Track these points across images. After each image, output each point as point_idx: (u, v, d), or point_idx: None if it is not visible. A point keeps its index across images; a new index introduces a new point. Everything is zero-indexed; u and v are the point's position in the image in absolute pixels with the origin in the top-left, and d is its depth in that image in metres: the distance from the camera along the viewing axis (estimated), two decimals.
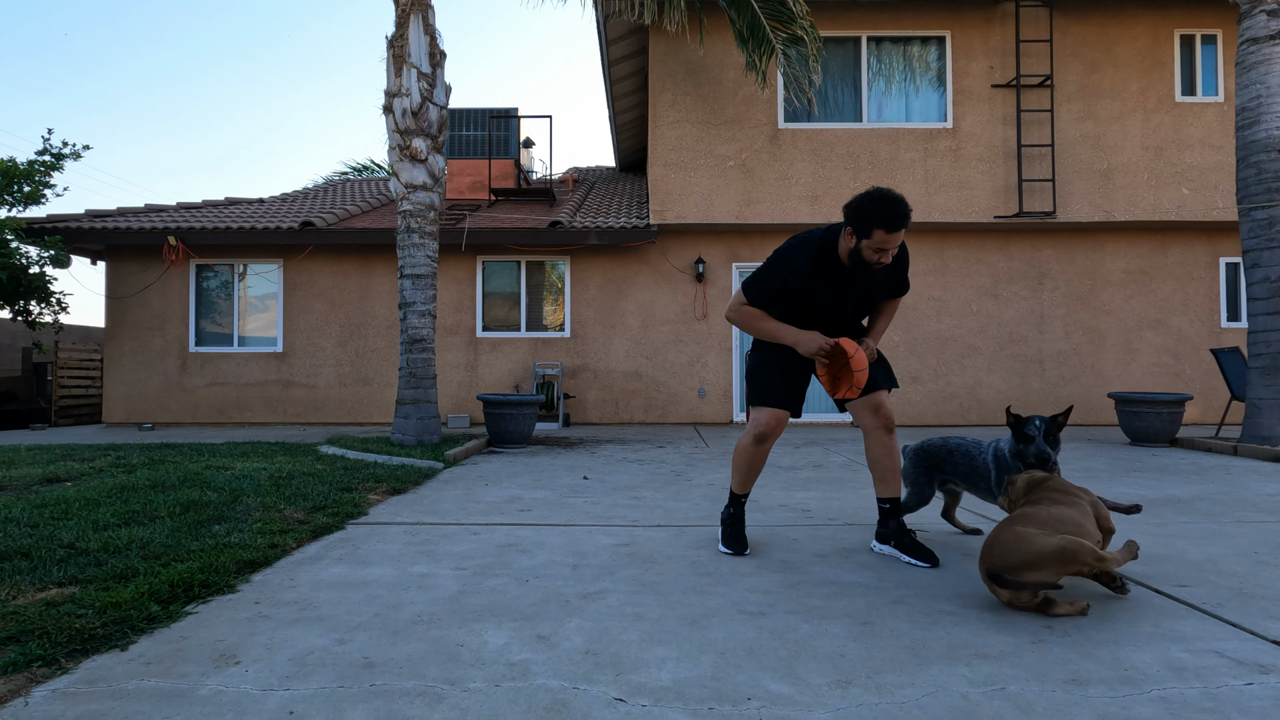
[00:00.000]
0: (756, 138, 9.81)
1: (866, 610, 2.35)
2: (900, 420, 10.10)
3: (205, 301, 10.48)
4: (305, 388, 10.30)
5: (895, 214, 2.64)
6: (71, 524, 3.25)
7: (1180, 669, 1.89)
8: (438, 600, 2.45)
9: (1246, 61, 6.89)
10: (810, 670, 1.89)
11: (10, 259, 9.23)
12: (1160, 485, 4.84)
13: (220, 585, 2.56)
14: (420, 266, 7.11)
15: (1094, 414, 10.12)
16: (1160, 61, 9.85)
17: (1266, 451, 6.15)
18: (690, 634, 2.15)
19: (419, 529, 3.53)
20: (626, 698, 1.74)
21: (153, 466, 5.11)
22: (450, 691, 1.77)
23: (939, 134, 9.80)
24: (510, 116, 12.62)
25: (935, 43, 9.99)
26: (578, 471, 5.57)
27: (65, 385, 11.55)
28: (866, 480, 5.09)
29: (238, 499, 3.90)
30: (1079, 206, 9.72)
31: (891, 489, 3.03)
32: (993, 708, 1.69)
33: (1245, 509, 4.01)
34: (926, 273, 10.23)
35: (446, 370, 10.25)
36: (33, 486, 4.44)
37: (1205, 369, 10.16)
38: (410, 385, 7.03)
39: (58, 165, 10.22)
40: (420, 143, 7.13)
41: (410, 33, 7.15)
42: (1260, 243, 6.76)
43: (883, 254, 2.74)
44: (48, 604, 2.27)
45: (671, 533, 3.46)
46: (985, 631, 2.16)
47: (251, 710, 1.68)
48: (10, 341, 13.54)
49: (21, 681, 1.80)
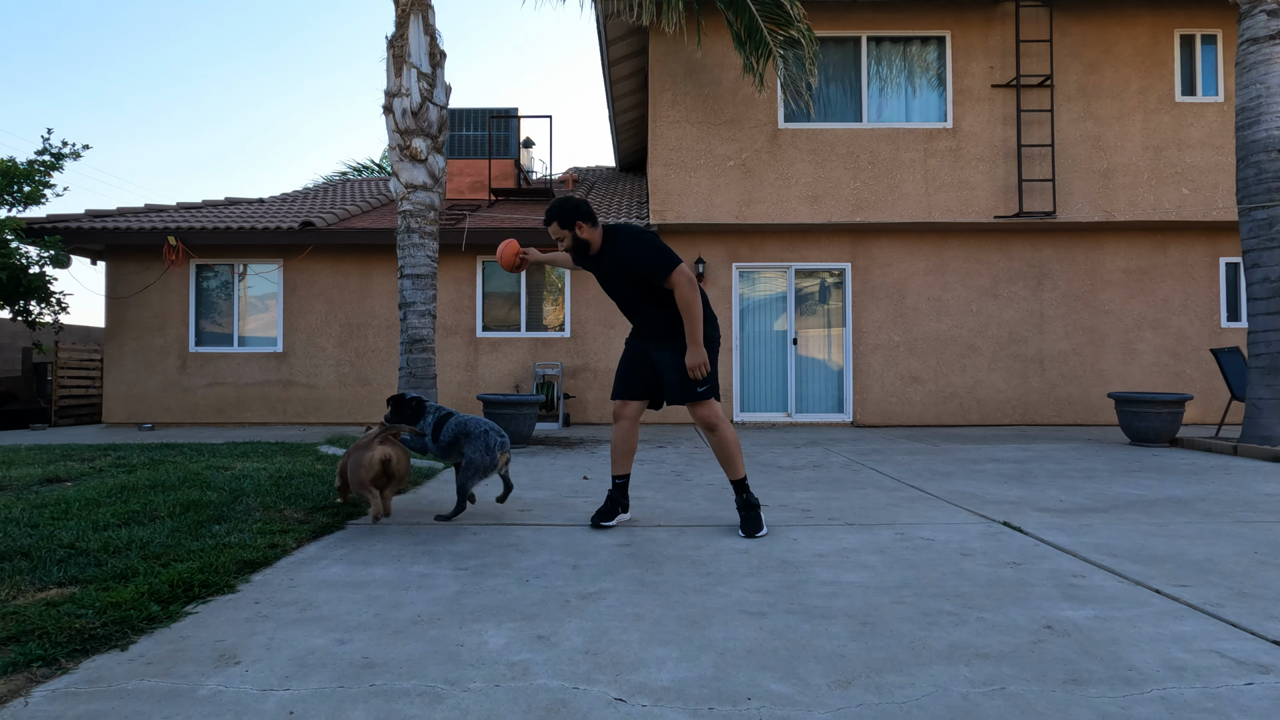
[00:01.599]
0: (756, 138, 9.81)
1: (866, 610, 2.35)
2: (900, 420, 10.10)
3: (205, 301, 10.49)
4: (305, 388, 10.30)
5: (547, 210, 3.54)
6: (71, 524, 3.25)
7: (1180, 669, 1.89)
8: (438, 600, 2.45)
9: (1246, 61, 6.89)
10: (810, 670, 1.89)
11: (10, 259, 9.24)
12: (1160, 485, 4.84)
13: (220, 585, 2.56)
14: (420, 266, 7.11)
15: (1094, 414, 10.12)
16: (1160, 61, 9.85)
17: (1266, 451, 6.15)
18: (690, 634, 2.15)
19: (419, 529, 3.53)
20: (626, 698, 1.74)
21: (153, 466, 5.11)
22: (450, 691, 1.77)
23: (939, 134, 9.80)
24: (510, 116, 12.62)
25: (935, 43, 9.99)
26: (578, 471, 5.57)
27: (65, 385, 11.55)
28: (866, 480, 5.09)
29: (238, 499, 3.90)
30: (1079, 206, 9.73)
31: (733, 472, 3.52)
32: (993, 708, 1.69)
33: (1245, 509, 4.01)
34: (927, 272, 10.24)
35: (446, 370, 10.25)
36: (33, 486, 4.44)
37: (1205, 369, 10.16)
38: (410, 385, 7.03)
39: (57, 165, 10.23)
40: (420, 143, 7.13)
41: (410, 33, 7.15)
42: (1260, 243, 6.76)
43: (558, 241, 3.54)
44: (48, 604, 2.27)
45: (671, 533, 3.46)
46: (985, 631, 2.16)
47: (251, 710, 1.68)
48: (10, 341, 13.54)
49: (21, 681, 1.80)
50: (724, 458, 3.49)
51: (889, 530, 3.50)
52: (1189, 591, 2.53)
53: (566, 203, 3.46)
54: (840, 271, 10.34)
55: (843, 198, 9.74)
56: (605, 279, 3.60)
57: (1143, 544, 3.21)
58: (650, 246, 3.43)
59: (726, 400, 10.19)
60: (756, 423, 10.06)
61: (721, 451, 3.49)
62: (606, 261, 3.54)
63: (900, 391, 10.15)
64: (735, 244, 10.28)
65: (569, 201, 3.47)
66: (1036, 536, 3.36)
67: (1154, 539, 3.30)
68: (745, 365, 10.31)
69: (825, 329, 10.34)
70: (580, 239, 3.50)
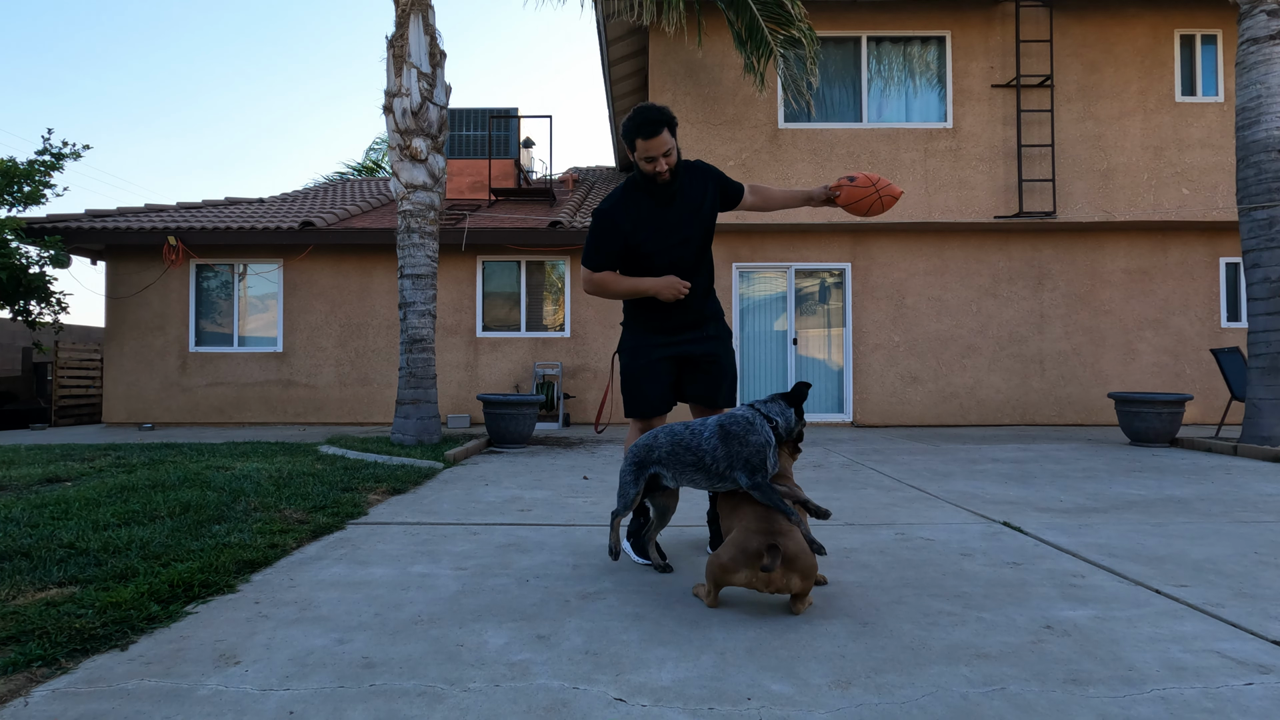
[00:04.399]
0: (756, 138, 9.81)
1: (866, 610, 2.35)
2: (900, 420, 10.10)
3: (205, 301, 10.48)
4: (305, 388, 10.30)
5: (645, 119, 2.73)
6: (71, 524, 3.25)
7: (1180, 669, 1.89)
8: (438, 600, 2.45)
9: (1246, 61, 6.89)
10: (810, 670, 1.89)
11: (10, 259, 9.23)
12: (1160, 485, 4.84)
13: (220, 585, 2.56)
14: (420, 266, 7.11)
15: (1094, 414, 10.12)
16: (1160, 61, 9.85)
17: (1266, 451, 6.15)
18: (690, 634, 2.15)
19: (419, 529, 3.53)
20: (626, 698, 1.74)
21: (153, 466, 5.11)
22: (450, 691, 1.77)
23: (939, 134, 9.80)
24: (510, 116, 12.62)
25: (935, 43, 9.99)
26: (578, 471, 5.57)
27: (65, 385, 11.55)
28: (866, 480, 5.09)
29: (238, 499, 3.90)
30: (1079, 206, 9.73)
31: None
32: (993, 708, 1.69)
33: (1245, 509, 4.01)
34: (926, 273, 10.23)
35: (446, 370, 10.25)
36: (33, 486, 4.44)
37: (1205, 369, 10.15)
38: (410, 385, 7.03)
39: (58, 165, 10.22)
40: (420, 143, 7.13)
41: (410, 33, 7.15)
42: (1260, 243, 6.76)
43: (654, 163, 2.78)
44: (48, 604, 2.27)
45: (671, 533, 3.45)
46: (985, 631, 2.16)
47: (251, 710, 1.68)
48: (10, 341, 13.54)
49: (21, 681, 1.80)
50: None
51: (889, 530, 3.50)
52: (1189, 591, 2.53)
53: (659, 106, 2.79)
54: (840, 271, 10.34)
55: None
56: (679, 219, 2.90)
57: (1142, 544, 3.21)
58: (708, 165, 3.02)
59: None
60: None
61: None
62: (691, 190, 2.92)
63: (900, 391, 10.14)
64: (735, 244, 10.27)
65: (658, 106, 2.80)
66: (1036, 536, 3.36)
67: (1154, 539, 3.30)
68: (745, 365, 10.30)
69: (825, 329, 10.34)
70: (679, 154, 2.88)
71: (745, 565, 2.25)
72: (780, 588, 2.25)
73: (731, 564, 2.27)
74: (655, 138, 2.72)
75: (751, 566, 2.24)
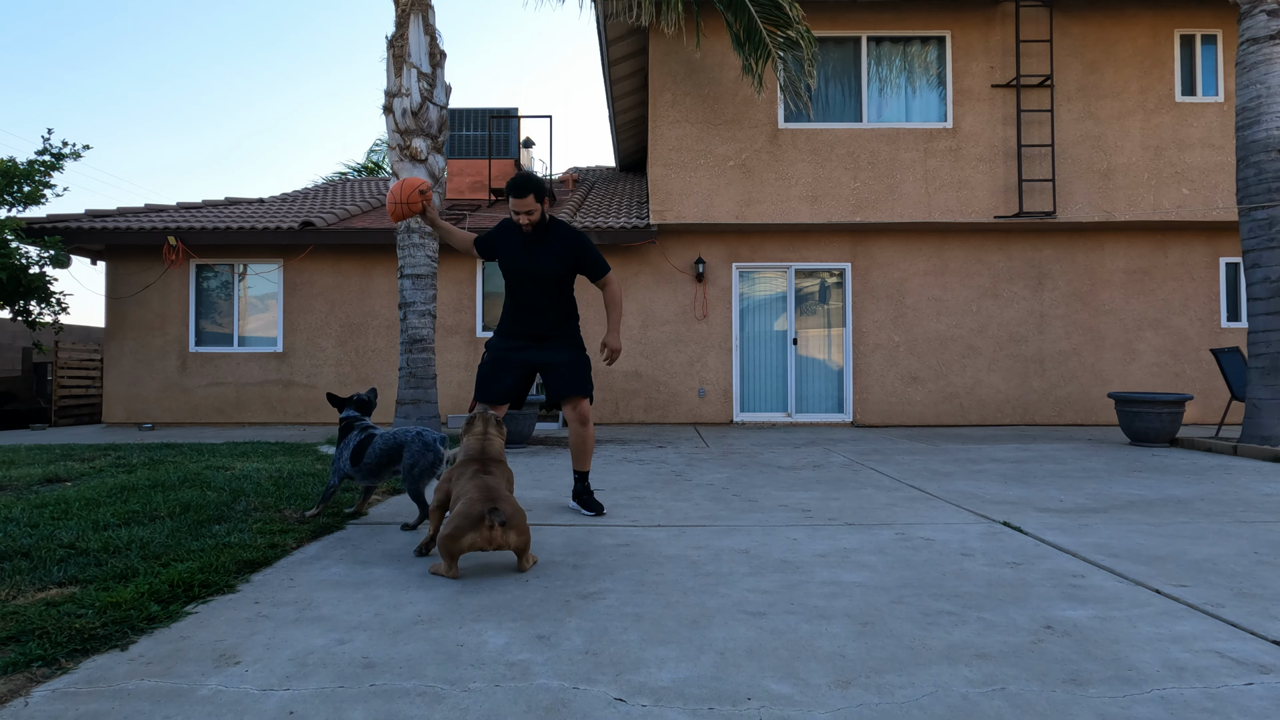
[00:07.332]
0: (756, 138, 9.81)
1: (866, 610, 2.35)
2: (900, 420, 10.10)
3: (205, 301, 10.49)
4: (305, 388, 10.30)
5: (518, 183, 3.50)
6: (71, 524, 3.25)
7: (1180, 669, 1.89)
8: (438, 600, 2.45)
9: (1246, 61, 6.89)
10: (810, 670, 1.89)
11: (10, 259, 9.23)
12: (1160, 485, 4.84)
13: (220, 585, 2.56)
14: (420, 266, 7.11)
15: (1094, 414, 10.12)
16: (1160, 61, 9.85)
17: (1266, 451, 6.15)
18: (690, 634, 2.15)
19: (419, 528, 3.53)
20: (626, 698, 1.74)
21: (153, 466, 5.11)
22: (450, 691, 1.77)
23: (939, 134, 9.80)
24: (510, 116, 12.62)
25: (935, 43, 9.99)
26: None
27: (65, 385, 11.55)
28: (866, 480, 5.09)
29: (238, 499, 3.90)
30: (1079, 206, 9.73)
31: (581, 465, 3.88)
32: (993, 707, 1.69)
33: (1245, 509, 4.01)
34: (926, 273, 10.24)
35: (446, 370, 10.25)
36: (33, 486, 4.44)
37: (1205, 369, 10.16)
38: (410, 385, 7.03)
39: (58, 165, 10.22)
40: (420, 143, 7.13)
41: (410, 33, 7.15)
42: (1260, 243, 6.76)
43: (519, 216, 3.56)
44: (48, 604, 2.27)
45: (671, 533, 3.46)
46: (985, 631, 2.16)
47: (251, 710, 1.68)
48: (10, 341, 13.54)
49: (21, 681, 1.80)
50: (584, 451, 3.84)
51: (889, 530, 3.50)
52: (1189, 591, 2.53)
53: (536, 177, 3.55)
54: (840, 271, 10.34)
55: (843, 198, 9.74)
56: (534, 263, 3.64)
57: (1142, 544, 3.21)
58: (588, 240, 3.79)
59: (726, 400, 10.19)
60: (756, 423, 10.06)
61: (585, 446, 3.83)
62: (553, 243, 3.66)
63: (900, 391, 10.14)
64: (735, 244, 10.28)
65: (536, 176, 3.56)
66: (1036, 536, 3.36)
67: (1154, 539, 3.30)
68: (745, 365, 10.31)
69: (825, 329, 10.34)
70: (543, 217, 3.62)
71: (471, 529, 2.58)
72: (501, 544, 2.63)
73: (458, 531, 2.59)
74: (522, 199, 3.49)
75: (476, 529, 2.58)
